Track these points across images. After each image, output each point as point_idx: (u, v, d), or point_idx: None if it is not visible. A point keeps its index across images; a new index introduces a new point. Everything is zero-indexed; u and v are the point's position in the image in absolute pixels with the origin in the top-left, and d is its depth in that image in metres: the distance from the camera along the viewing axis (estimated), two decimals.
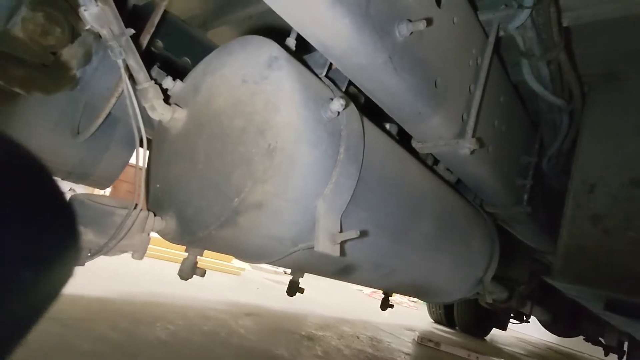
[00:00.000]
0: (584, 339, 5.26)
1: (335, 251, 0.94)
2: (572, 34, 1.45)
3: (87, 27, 0.82)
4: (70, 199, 0.80)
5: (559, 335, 5.54)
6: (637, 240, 1.38)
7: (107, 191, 5.11)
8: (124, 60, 0.87)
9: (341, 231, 0.97)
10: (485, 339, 6.15)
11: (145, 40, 1.14)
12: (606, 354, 4.69)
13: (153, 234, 0.97)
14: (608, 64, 1.55)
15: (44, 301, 0.40)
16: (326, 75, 1.13)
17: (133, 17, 1.30)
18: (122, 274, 3.63)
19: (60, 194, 0.43)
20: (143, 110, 0.94)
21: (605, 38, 1.43)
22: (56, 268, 0.41)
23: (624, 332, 3.96)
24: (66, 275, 0.42)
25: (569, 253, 1.48)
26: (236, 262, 5.88)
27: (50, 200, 0.42)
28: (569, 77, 1.53)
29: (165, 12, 1.56)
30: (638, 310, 1.41)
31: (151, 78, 0.94)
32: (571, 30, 1.42)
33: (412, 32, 0.97)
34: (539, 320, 5.01)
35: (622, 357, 4.29)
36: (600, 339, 4.80)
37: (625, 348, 4.24)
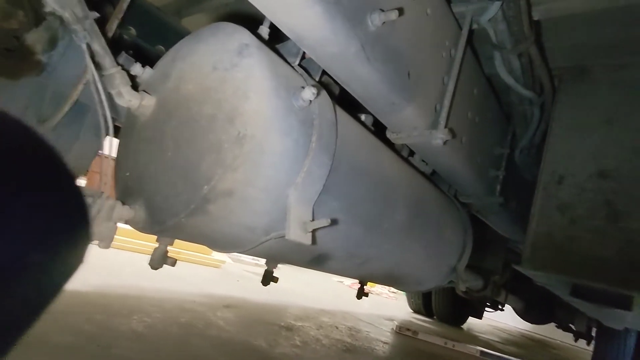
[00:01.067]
0: (555, 326, 5.47)
1: (306, 239, 0.95)
2: (542, 28, 1.49)
3: (48, 10, 0.79)
4: None
5: (532, 323, 5.74)
6: (602, 229, 1.43)
7: (82, 183, 4.98)
8: (88, 45, 0.84)
9: (313, 220, 0.98)
10: (462, 328, 6.32)
11: (113, 25, 1.11)
12: (576, 340, 4.89)
13: (127, 226, 0.96)
14: (577, 58, 1.59)
15: (55, 286, 0.40)
16: (299, 65, 1.12)
17: (102, 3, 1.27)
18: (99, 267, 3.57)
19: (72, 178, 0.43)
20: (111, 98, 0.92)
21: (574, 32, 1.47)
22: (68, 254, 0.41)
23: (592, 318, 4.13)
24: (77, 261, 0.42)
25: (537, 241, 1.53)
26: (216, 255, 5.84)
27: (64, 185, 0.42)
28: (540, 70, 1.56)
29: None
30: (601, 296, 1.47)
31: (118, 64, 0.92)
32: (541, 23, 1.45)
33: (384, 22, 0.97)
34: (513, 309, 5.17)
35: (590, 342, 4.48)
36: (570, 325, 5.00)
37: (593, 333, 4.42)
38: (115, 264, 3.95)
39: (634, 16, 1.33)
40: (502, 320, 9.33)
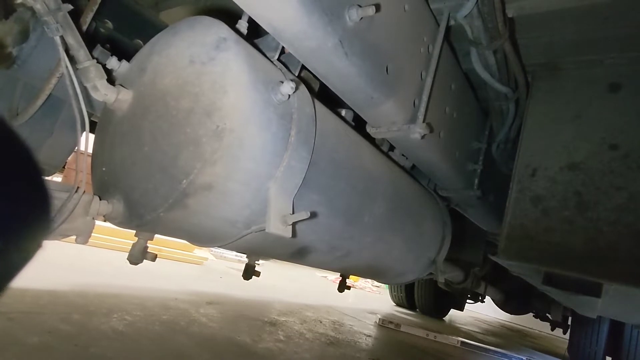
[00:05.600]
0: (533, 316, 5.64)
1: (287, 232, 0.96)
2: (516, 25, 1.53)
3: (19, 1, 0.78)
4: None
5: (511, 313, 5.91)
6: (572, 219, 1.49)
7: (58, 179, 4.85)
8: (61, 38, 0.83)
9: (293, 213, 0.99)
10: (444, 320, 6.45)
11: (88, 18, 1.09)
12: (553, 329, 5.06)
13: (108, 224, 0.95)
14: (549, 55, 1.64)
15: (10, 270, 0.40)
16: (278, 59, 1.13)
17: None
18: (76, 266, 3.49)
19: (36, 169, 0.43)
20: (86, 92, 0.91)
21: (546, 29, 1.51)
22: (24, 241, 0.41)
23: (567, 307, 4.28)
24: (33, 249, 0.42)
25: (512, 232, 1.58)
26: (198, 252, 5.79)
27: (25, 176, 0.42)
28: (514, 66, 1.61)
29: None
30: (572, 284, 1.53)
31: (93, 58, 0.91)
32: (515, 20, 1.49)
33: (362, 18, 0.99)
34: (492, 300, 5.30)
35: (567, 331, 4.64)
36: (547, 315, 5.16)
37: (569, 322, 4.58)
38: (94, 263, 3.87)
39: (601, 15, 1.38)
40: (482, 312, 9.56)
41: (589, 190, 1.47)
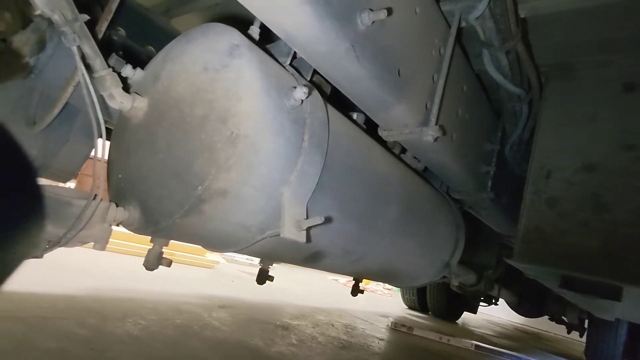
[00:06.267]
0: (548, 319, 5.55)
1: (301, 237, 0.96)
2: (529, 25, 1.51)
3: (37, 12, 0.79)
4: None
5: (525, 316, 5.81)
6: (589, 221, 1.46)
7: (72, 186, 4.94)
8: (78, 47, 0.84)
9: (307, 218, 0.99)
10: (457, 323, 6.37)
11: (102, 27, 1.10)
12: (569, 332, 4.97)
13: (122, 229, 0.96)
14: (562, 55, 1.62)
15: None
16: (290, 64, 1.13)
17: (91, 4, 1.26)
18: (91, 271, 3.54)
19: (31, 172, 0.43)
20: (102, 100, 0.92)
21: (559, 29, 1.49)
22: (16, 242, 0.41)
23: (584, 310, 4.21)
24: (26, 250, 0.42)
25: (527, 235, 1.55)
26: (210, 256, 5.82)
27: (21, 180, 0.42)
28: (527, 67, 1.59)
29: None
30: (591, 287, 1.50)
31: (109, 66, 0.92)
32: (528, 21, 1.48)
33: (373, 21, 0.99)
34: (506, 303, 5.23)
35: (583, 334, 4.55)
36: (563, 317, 5.07)
37: (586, 325, 4.50)
38: (108, 267, 3.92)
39: (615, 14, 1.36)
40: (496, 315, 9.43)
41: (607, 191, 1.44)
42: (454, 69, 1.44)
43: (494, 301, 5.71)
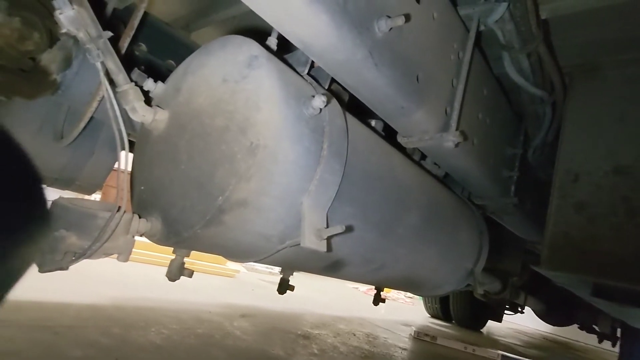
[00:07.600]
0: (578, 328, 5.33)
1: (322, 247, 0.95)
2: (550, 26, 1.48)
3: (63, 31, 0.82)
4: (52, 203, 0.80)
5: (553, 325, 5.61)
6: (621, 226, 1.40)
7: (97, 197, 5.07)
8: (102, 63, 0.86)
9: (327, 227, 0.98)
10: (481, 332, 6.21)
11: (125, 43, 1.13)
12: (600, 341, 4.76)
13: (143, 239, 0.97)
14: (587, 55, 1.58)
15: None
16: (308, 73, 1.13)
17: (114, 21, 1.30)
18: (114, 280, 3.61)
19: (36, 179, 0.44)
20: (125, 113, 0.94)
21: (583, 29, 1.45)
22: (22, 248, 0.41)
23: (616, 319, 4.03)
24: (30, 257, 0.43)
25: (555, 241, 1.50)
26: (230, 265, 5.86)
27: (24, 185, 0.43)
28: (550, 68, 1.55)
29: (147, 15, 1.56)
30: (624, 295, 1.43)
31: (131, 80, 0.94)
32: (549, 22, 1.45)
33: (391, 28, 0.98)
34: (533, 311, 5.06)
35: (616, 343, 4.36)
36: (594, 326, 4.87)
37: (618, 334, 4.31)
38: (130, 277, 3.99)
39: (638, 11, 1.32)
40: (522, 323, 9.13)
41: (638, 195, 1.38)
42: (474, 73, 1.41)
43: (519, 309, 5.54)
